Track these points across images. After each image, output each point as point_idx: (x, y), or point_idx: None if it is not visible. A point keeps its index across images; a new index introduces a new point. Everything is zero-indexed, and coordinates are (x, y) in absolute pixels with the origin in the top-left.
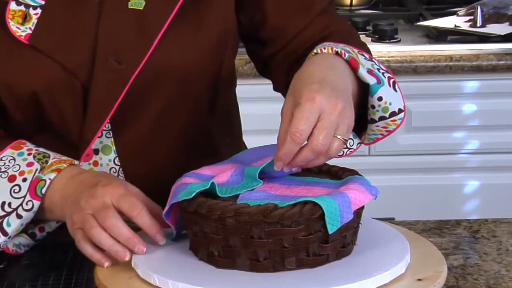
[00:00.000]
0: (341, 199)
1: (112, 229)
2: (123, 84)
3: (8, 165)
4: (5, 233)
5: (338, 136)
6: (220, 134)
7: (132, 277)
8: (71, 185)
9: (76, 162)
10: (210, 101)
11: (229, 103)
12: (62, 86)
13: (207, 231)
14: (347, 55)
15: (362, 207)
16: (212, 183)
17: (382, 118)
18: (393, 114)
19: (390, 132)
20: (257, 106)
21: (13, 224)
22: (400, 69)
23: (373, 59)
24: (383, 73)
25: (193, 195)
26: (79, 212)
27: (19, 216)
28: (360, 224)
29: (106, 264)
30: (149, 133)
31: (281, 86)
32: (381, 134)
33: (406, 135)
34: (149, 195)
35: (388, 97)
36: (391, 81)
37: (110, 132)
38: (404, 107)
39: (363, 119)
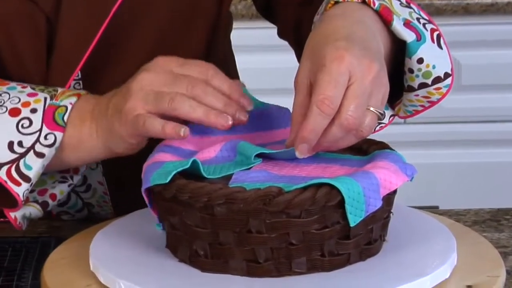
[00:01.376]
0: (366, 181)
1: (204, 96)
2: (102, 16)
3: (2, 99)
4: (26, 179)
5: (371, 109)
6: None
7: (91, 284)
8: (102, 101)
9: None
10: (206, 46)
11: (225, 51)
12: (20, 19)
13: (189, 224)
14: (377, 3)
15: (394, 192)
16: (195, 161)
17: (422, 86)
18: (437, 80)
19: (433, 103)
20: (256, 57)
21: (34, 166)
22: (447, 9)
23: (411, 4)
24: (424, 25)
25: (169, 177)
26: (138, 93)
27: (39, 155)
28: (391, 214)
29: (183, 130)
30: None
31: (289, 30)
32: (422, 106)
33: (453, 97)
34: (133, 165)
35: (431, 58)
36: (435, 34)
37: (80, 82)
38: (451, 70)
39: (398, 86)
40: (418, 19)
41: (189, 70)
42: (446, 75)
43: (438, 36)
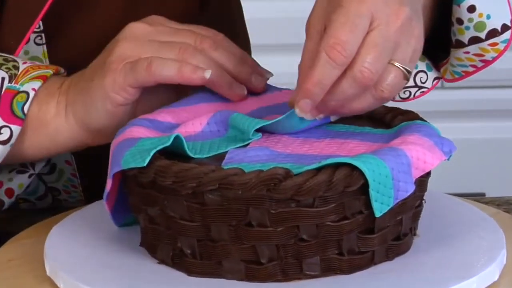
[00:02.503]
0: (395, 160)
1: (217, 54)
2: None
3: None
4: None
5: (396, 64)
6: None
7: None
8: (73, 78)
9: (62, 70)
10: None
11: None
12: None
13: (173, 215)
14: None
15: (428, 174)
16: (177, 137)
17: (474, 41)
18: (492, 33)
19: (487, 62)
20: (267, 3)
21: None
22: None
23: None
24: None
25: (147, 159)
26: (114, 66)
27: None
28: (423, 202)
29: (208, 72)
30: (105, 37)
31: None
32: (473, 66)
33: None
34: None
35: (485, 5)
36: None
37: (42, 35)
38: (511, 21)
39: (444, 41)
40: None
41: (184, 37)
42: (504, 27)
43: None
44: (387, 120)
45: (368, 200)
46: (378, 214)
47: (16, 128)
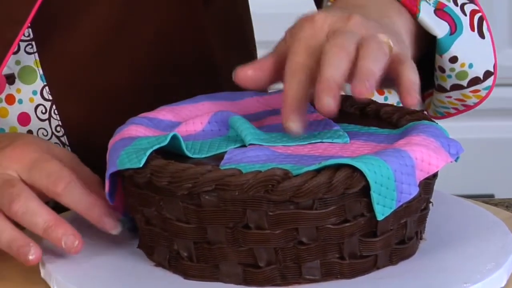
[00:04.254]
0: (398, 161)
1: (22, 217)
2: None
3: None
4: None
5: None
6: (222, 44)
7: None
8: None
9: None
10: None
11: None
12: None
13: (169, 217)
14: None
15: (435, 176)
16: (175, 136)
17: (456, 87)
18: (474, 81)
19: (469, 107)
20: None
21: None
22: None
23: None
24: (463, 6)
25: (143, 159)
26: None
27: None
28: (430, 205)
29: (32, 256)
30: (101, 41)
31: None
32: (455, 109)
33: None
34: (99, 155)
35: (468, 54)
36: (477, 18)
37: (33, 44)
38: (495, 66)
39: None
40: None
41: (34, 174)
42: (487, 74)
43: (480, 20)
44: (394, 120)
45: (370, 203)
46: (380, 217)
47: None
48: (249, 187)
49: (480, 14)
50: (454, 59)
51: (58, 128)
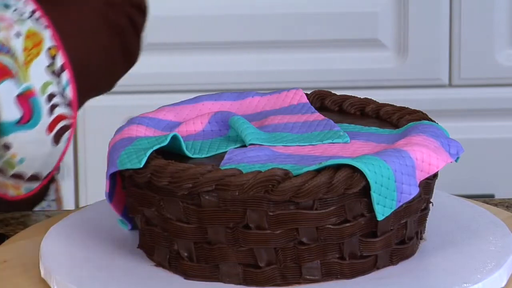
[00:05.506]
0: (398, 161)
1: None
2: None
3: None
4: None
5: None
6: None
7: None
8: None
9: None
10: None
11: None
12: None
13: (169, 217)
14: None
15: (435, 176)
16: (175, 136)
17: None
18: (18, 176)
19: (5, 196)
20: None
21: None
22: None
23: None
24: (53, 107)
25: (144, 159)
26: None
27: None
28: (430, 205)
29: None
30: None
31: None
32: None
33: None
34: None
35: (25, 150)
36: (62, 124)
37: None
38: (53, 170)
39: None
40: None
41: None
42: (34, 177)
43: (65, 128)
44: (394, 120)
45: (370, 203)
46: (380, 217)
47: None
48: (249, 187)
49: (68, 122)
50: (8, 146)
51: None
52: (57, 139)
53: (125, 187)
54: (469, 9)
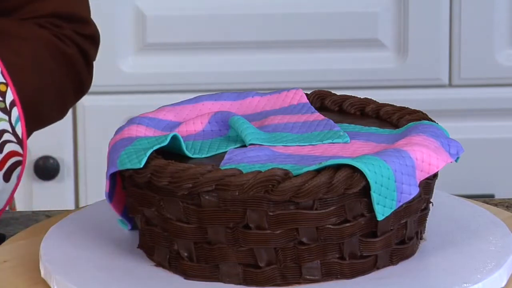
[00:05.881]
0: (398, 161)
1: None
2: None
3: None
4: None
5: None
6: None
7: None
8: None
9: None
10: None
11: None
12: None
13: (169, 217)
14: None
15: (435, 176)
16: (175, 136)
17: None
18: None
19: None
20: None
21: None
22: None
23: None
24: (4, 143)
25: (143, 160)
26: None
27: None
28: (431, 205)
29: None
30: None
31: None
32: None
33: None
34: None
35: None
36: (13, 160)
37: None
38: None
39: None
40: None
41: None
42: None
43: (16, 164)
44: (394, 120)
45: (370, 203)
46: (380, 217)
47: None
48: (249, 187)
49: (19, 158)
50: None
51: None
52: (7, 176)
53: (125, 187)
54: (469, 9)
